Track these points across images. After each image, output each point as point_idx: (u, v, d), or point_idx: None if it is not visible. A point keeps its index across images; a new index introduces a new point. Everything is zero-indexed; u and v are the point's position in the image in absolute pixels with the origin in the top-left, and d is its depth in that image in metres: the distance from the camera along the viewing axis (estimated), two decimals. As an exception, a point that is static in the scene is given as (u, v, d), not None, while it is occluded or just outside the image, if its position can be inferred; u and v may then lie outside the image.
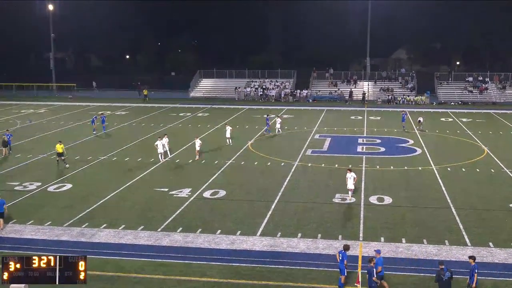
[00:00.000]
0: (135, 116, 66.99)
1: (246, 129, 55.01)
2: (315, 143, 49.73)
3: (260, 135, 53.22)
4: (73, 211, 30.41)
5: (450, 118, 65.47)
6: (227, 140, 48.78)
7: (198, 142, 42.99)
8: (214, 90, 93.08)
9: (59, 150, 40.48)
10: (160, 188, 34.87)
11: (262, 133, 53.92)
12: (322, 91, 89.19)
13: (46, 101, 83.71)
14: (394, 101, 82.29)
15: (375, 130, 56.69)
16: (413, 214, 29.91)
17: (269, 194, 33.61)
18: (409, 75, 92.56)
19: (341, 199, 32.52)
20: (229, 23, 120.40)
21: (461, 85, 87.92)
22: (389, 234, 26.92)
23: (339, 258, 21.53)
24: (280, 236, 26.76)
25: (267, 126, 54.18)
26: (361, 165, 40.85)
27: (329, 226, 28.13)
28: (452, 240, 26.05)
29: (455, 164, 41.10)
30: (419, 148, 47.12)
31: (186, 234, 26.97)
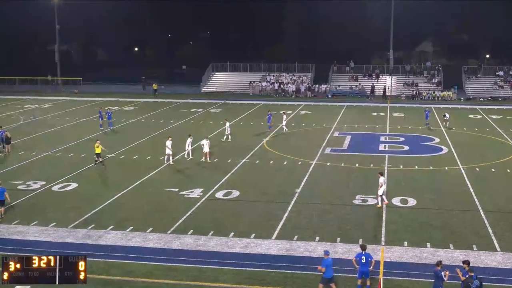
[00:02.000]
0: (144, 112, 67.25)
1: (261, 126, 54.99)
2: (335, 141, 49.64)
3: (275, 133, 53.17)
4: (79, 212, 30.57)
5: (478, 115, 65.05)
6: (225, 136, 48.99)
7: (206, 142, 42.10)
8: (228, 84, 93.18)
9: (97, 150, 39.90)
10: (170, 188, 34.97)
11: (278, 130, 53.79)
12: (342, 86, 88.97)
13: (51, 96, 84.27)
14: (419, 96, 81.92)
15: (399, 128, 56.48)
16: (439, 217, 29.76)
17: (285, 195, 33.59)
18: (435, 69, 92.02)
19: (362, 200, 32.44)
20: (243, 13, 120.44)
21: (490, 79, 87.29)
22: (413, 238, 26.80)
23: (356, 262, 21.43)
24: (296, 239, 26.74)
25: (269, 122, 53.98)
26: (384, 165, 40.72)
27: (349, 229, 28.06)
28: (481, 245, 25.88)
29: (484, 164, 40.84)
30: (445, 147, 46.87)
31: (197, 237, 27.03)
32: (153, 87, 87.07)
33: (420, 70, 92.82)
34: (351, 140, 50.13)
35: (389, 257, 24.55)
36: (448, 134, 52.30)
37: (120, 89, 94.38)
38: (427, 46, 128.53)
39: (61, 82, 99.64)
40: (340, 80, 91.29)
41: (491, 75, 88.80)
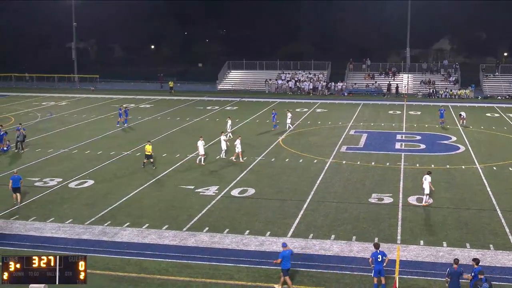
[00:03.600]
0: (160, 110, 67.45)
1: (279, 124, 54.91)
2: (350, 140, 49.50)
3: (290, 130, 53.10)
4: (95, 209, 30.76)
5: (496, 114, 64.55)
6: (228, 133, 49.04)
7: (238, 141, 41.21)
8: (243, 82, 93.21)
9: (148, 150, 39.02)
10: (186, 186, 35.06)
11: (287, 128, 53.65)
12: (358, 84, 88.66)
13: (68, 93, 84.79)
14: (435, 95, 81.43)
15: (415, 126, 56.19)
16: (455, 216, 29.59)
17: (301, 193, 33.56)
18: (452, 67, 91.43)
19: (378, 199, 32.32)
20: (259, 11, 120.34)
21: (509, 78, 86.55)
22: (429, 237, 26.68)
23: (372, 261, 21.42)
24: (312, 237, 26.71)
25: (274, 121, 53.84)
26: (400, 163, 40.54)
27: (365, 227, 27.98)
28: (498, 245, 25.70)
29: (502, 163, 40.53)
30: (462, 146, 46.58)
31: (212, 234, 27.08)
32: (169, 85, 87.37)
33: (437, 68, 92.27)
34: (367, 139, 49.95)
35: (405, 255, 24.44)
36: (465, 133, 51.97)
37: (136, 86, 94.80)
38: (444, 44, 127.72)
39: (78, 79, 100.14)
40: (357, 78, 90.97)
41: (509, 73, 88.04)
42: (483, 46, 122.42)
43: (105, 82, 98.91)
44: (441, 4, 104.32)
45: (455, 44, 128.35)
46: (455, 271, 20.01)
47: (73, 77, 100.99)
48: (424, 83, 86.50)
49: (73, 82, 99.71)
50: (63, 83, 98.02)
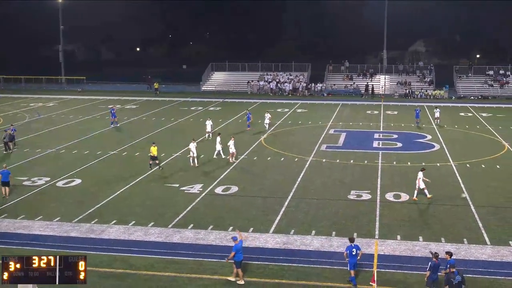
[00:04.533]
0: (146, 110, 67.16)
1: (259, 124, 54.93)
2: (330, 138, 49.64)
3: (271, 130, 53.14)
4: (82, 207, 30.58)
5: (469, 113, 65.06)
6: (206, 134, 48.83)
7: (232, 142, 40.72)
8: (226, 83, 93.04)
9: (153, 152, 38.27)
10: (171, 184, 34.98)
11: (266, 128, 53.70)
12: (337, 84, 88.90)
13: (55, 95, 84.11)
14: (411, 95, 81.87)
15: (392, 125, 56.47)
16: (431, 212, 29.81)
17: (283, 190, 33.60)
18: (427, 69, 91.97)
19: (356, 195, 32.45)
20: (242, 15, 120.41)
21: (481, 79, 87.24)
22: (405, 232, 26.83)
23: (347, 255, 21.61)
24: (293, 233, 26.77)
25: (248, 121, 53.49)
26: (377, 161, 40.73)
27: (344, 223, 28.09)
28: (471, 239, 25.92)
29: (475, 161, 40.87)
30: (437, 144, 46.90)
31: (197, 231, 27.05)
32: (155, 86, 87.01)
33: (413, 69, 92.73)
34: (346, 137, 50.13)
35: (382, 250, 24.58)
36: (439, 132, 52.33)
37: (122, 87, 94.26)
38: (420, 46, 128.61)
39: (65, 81, 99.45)
40: (336, 79, 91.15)
41: (482, 74, 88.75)
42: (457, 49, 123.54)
43: (92, 83, 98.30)
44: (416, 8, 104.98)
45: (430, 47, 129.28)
46: (436, 265, 20.19)
47: (60, 79, 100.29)
48: (401, 84, 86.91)
49: (61, 84, 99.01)
50: (50, 85, 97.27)
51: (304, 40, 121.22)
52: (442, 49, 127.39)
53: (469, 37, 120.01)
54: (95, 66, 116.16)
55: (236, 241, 21.97)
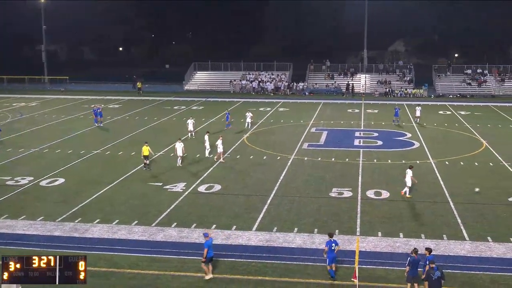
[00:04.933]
0: (129, 110, 66.82)
1: (241, 123, 54.90)
2: (312, 137, 49.74)
3: (254, 129, 53.14)
4: (66, 206, 30.35)
5: (448, 111, 65.55)
6: (189, 134, 48.70)
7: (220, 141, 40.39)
8: (209, 83, 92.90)
9: (145, 152, 37.59)
10: (154, 183, 34.84)
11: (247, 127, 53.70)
12: (319, 84, 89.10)
13: (38, 94, 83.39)
14: (391, 94, 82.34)
15: (372, 124, 56.72)
16: (411, 209, 29.98)
17: (265, 188, 33.61)
18: (407, 68, 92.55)
19: (338, 193, 32.55)
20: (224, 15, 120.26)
21: (459, 77, 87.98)
22: (386, 228, 26.97)
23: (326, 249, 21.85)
24: (276, 230, 26.78)
25: (227, 120, 53.34)
26: (358, 159, 40.90)
27: (326, 220, 28.16)
28: (450, 235, 26.12)
29: (453, 158, 41.18)
30: (417, 142, 47.18)
31: (180, 229, 26.97)
32: (138, 85, 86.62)
33: (393, 68, 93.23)
34: (327, 136, 50.27)
35: (364, 247, 24.67)
36: (419, 130, 52.66)
37: (105, 87, 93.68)
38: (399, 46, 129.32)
39: (48, 81, 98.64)
40: (317, 78, 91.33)
41: (460, 73, 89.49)
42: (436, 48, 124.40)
43: (75, 83, 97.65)
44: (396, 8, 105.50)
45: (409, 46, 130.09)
46: (415, 260, 20.32)
47: (43, 79, 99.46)
48: (381, 83, 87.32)
49: (43, 84, 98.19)
50: (33, 85, 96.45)
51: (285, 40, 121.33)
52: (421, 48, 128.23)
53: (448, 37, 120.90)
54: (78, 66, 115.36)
55: (207, 238, 21.96)
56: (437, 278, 19.31)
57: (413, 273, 20.34)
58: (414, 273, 20.35)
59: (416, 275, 20.35)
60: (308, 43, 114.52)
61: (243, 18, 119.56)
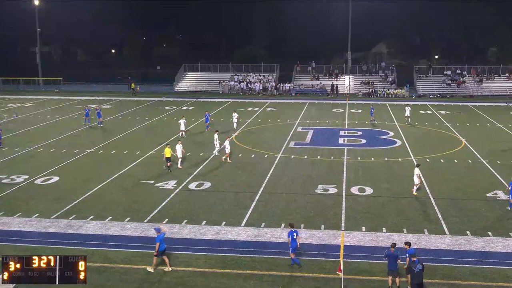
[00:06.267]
0: (121, 110, 66.63)
1: (230, 122, 54.89)
2: (298, 136, 49.83)
3: (244, 127, 53.16)
4: (61, 204, 30.25)
5: (429, 111, 65.89)
6: (180, 133, 48.58)
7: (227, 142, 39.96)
8: (199, 83, 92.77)
9: (167, 154, 36.76)
10: (146, 181, 34.78)
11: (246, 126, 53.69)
12: (305, 84, 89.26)
13: (32, 95, 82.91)
14: (374, 94, 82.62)
15: (356, 123, 56.91)
16: (393, 204, 30.12)
17: (253, 185, 33.65)
18: (389, 69, 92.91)
19: (324, 190, 32.65)
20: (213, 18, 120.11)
21: (439, 78, 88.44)
22: (370, 223, 27.10)
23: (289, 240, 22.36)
24: (264, 226, 26.84)
25: (207, 122, 52.26)
26: (343, 157, 41.03)
27: (312, 216, 28.24)
28: (431, 229, 26.29)
29: (434, 155, 41.42)
30: (399, 140, 47.40)
31: (172, 225, 26.95)
32: (132, 86, 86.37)
33: (376, 69, 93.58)
34: (313, 135, 50.37)
35: (348, 241, 24.78)
36: (401, 128, 52.89)
37: (98, 88, 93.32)
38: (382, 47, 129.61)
39: (42, 82, 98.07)
40: (303, 79, 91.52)
41: (440, 74, 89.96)
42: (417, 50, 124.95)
43: (68, 84, 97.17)
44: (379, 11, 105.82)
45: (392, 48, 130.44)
46: (392, 254, 20.47)
47: (37, 80, 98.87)
48: (364, 83, 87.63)
49: (38, 85, 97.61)
50: (28, 86, 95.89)
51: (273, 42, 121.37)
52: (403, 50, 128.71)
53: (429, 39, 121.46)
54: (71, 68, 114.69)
55: (159, 232, 22.05)
56: (419, 271, 19.46)
57: (392, 267, 20.47)
58: (393, 266, 20.47)
59: (396, 269, 20.47)
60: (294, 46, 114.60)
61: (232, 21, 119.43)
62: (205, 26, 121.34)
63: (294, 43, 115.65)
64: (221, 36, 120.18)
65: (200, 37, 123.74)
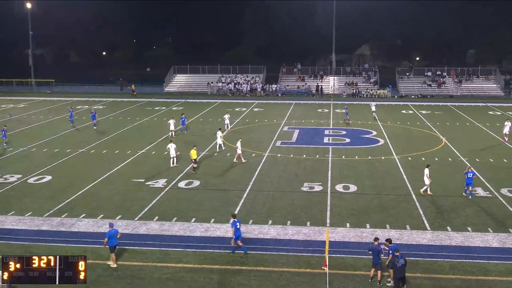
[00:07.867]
0: (112, 110, 66.29)
1: (218, 122, 54.80)
2: (284, 135, 49.84)
3: (232, 127, 53.08)
4: (53, 202, 30.06)
5: (410, 111, 66.14)
6: (170, 133, 48.40)
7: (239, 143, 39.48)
8: (188, 85, 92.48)
9: (193, 156, 36.39)
10: (137, 179, 34.63)
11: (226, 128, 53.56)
12: (291, 85, 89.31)
13: (25, 96, 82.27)
14: (358, 94, 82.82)
15: (341, 122, 57.01)
16: (377, 201, 30.21)
17: (241, 183, 33.62)
18: (372, 70, 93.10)
19: (309, 187, 32.68)
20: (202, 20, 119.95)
21: (420, 79, 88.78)
22: (354, 220, 27.16)
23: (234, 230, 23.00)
24: (251, 223, 26.82)
25: (183, 125, 51.13)
26: (328, 156, 41.08)
27: (298, 213, 28.26)
28: (413, 225, 26.40)
29: (416, 154, 41.58)
30: (381, 139, 47.55)
31: (162, 223, 26.87)
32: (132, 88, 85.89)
33: (359, 71, 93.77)
34: (299, 134, 50.39)
35: (333, 237, 24.82)
36: (384, 128, 53.05)
37: (90, 89, 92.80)
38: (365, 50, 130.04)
39: (35, 83, 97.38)
40: (289, 80, 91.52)
41: (421, 75, 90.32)
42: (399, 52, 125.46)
43: (61, 85, 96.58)
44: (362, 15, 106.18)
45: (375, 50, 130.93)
46: (375, 248, 20.55)
47: (30, 81, 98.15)
48: (348, 84, 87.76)
49: (31, 86, 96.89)
50: (21, 87, 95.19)
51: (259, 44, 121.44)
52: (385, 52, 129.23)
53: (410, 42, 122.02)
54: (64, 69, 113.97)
55: (111, 227, 22.21)
56: (401, 266, 19.54)
57: (376, 260, 20.56)
58: (376, 260, 20.56)
59: (379, 263, 20.55)
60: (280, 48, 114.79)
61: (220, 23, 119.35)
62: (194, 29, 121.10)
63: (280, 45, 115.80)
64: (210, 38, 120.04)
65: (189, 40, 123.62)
